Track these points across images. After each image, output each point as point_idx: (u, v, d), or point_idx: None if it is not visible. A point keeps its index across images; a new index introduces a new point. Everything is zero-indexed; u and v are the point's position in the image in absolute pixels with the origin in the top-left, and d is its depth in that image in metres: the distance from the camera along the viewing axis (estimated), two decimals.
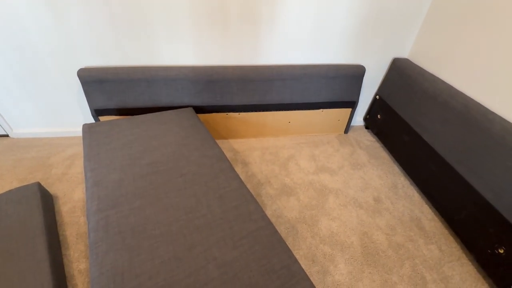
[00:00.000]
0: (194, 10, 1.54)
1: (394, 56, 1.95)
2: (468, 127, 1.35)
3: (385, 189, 1.72)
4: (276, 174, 1.79)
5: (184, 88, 1.77)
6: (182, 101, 1.81)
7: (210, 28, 1.62)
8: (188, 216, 1.02)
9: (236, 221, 1.03)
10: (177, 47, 1.68)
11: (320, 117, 2.07)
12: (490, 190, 1.23)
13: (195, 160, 1.31)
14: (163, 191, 1.12)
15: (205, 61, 1.77)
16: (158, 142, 1.39)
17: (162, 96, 1.77)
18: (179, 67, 1.73)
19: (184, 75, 1.72)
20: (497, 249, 1.19)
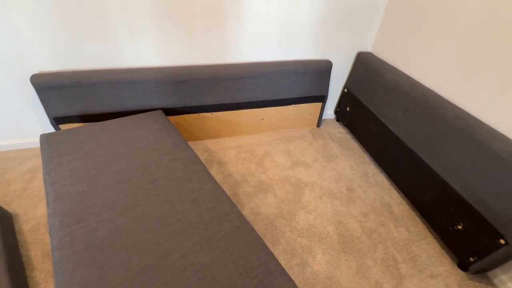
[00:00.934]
0: (155, 7, 1.48)
1: (359, 50, 2.03)
2: (426, 115, 1.45)
3: (357, 178, 1.80)
4: (252, 172, 1.79)
5: (151, 91, 1.70)
6: (151, 104, 1.74)
7: (174, 26, 1.57)
8: (162, 223, 1.00)
9: (212, 223, 1.02)
10: (140, 47, 1.61)
11: (293, 112, 2.11)
12: (448, 172, 1.33)
13: (166, 164, 1.27)
14: (134, 199, 1.07)
15: (172, 61, 1.72)
16: (126, 148, 1.33)
17: (128, 100, 1.69)
18: (144, 68, 1.66)
19: (151, 77, 1.65)
20: (457, 226, 1.30)
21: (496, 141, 1.14)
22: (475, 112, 1.30)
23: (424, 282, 1.26)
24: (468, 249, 1.24)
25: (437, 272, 1.30)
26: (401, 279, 1.27)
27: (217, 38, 1.70)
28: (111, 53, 1.58)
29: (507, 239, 1.09)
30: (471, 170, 1.22)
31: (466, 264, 1.26)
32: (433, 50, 1.51)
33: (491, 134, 1.18)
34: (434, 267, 1.32)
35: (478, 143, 1.19)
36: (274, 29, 1.75)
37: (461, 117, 1.29)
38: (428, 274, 1.29)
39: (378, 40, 1.95)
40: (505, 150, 1.11)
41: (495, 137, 1.16)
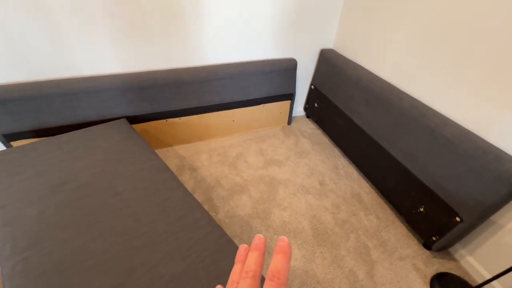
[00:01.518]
0: (106, 12, 1.41)
1: (321, 48, 2.08)
2: (385, 107, 1.52)
3: (328, 172, 1.85)
4: (226, 174, 1.78)
5: (112, 99, 1.62)
6: (113, 113, 1.66)
7: (130, 31, 1.51)
8: (127, 238, 0.95)
9: (182, 232, 0.99)
10: (95, 54, 1.52)
11: (263, 112, 2.12)
12: (408, 159, 1.42)
13: (131, 175, 1.21)
14: (95, 217, 1.01)
15: (132, 67, 1.65)
16: (85, 162, 1.25)
17: (88, 110, 1.60)
18: (102, 76, 1.58)
19: (110, 85, 1.57)
20: (419, 208, 1.38)
21: (447, 127, 1.23)
22: (428, 101, 1.40)
23: (394, 265, 1.33)
24: (430, 229, 1.33)
25: (405, 254, 1.38)
26: (373, 264, 1.33)
27: (179, 41, 1.66)
28: (63, 62, 1.48)
29: (462, 217, 1.18)
30: (427, 155, 1.31)
31: (430, 243, 1.35)
32: (388, 43, 1.59)
33: (442, 121, 1.27)
34: (402, 249, 1.40)
35: (432, 130, 1.28)
36: (236, 30, 1.75)
37: (416, 107, 1.38)
38: (397, 256, 1.36)
39: (338, 36, 2.02)
40: (455, 135, 1.20)
41: (446, 124, 1.25)
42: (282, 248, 0.23)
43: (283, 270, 0.21)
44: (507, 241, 1.15)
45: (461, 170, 1.16)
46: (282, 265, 0.22)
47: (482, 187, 1.09)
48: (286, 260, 0.22)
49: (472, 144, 1.13)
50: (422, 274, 1.30)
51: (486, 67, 1.12)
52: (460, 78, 1.23)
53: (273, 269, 0.21)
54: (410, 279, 1.27)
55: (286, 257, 0.22)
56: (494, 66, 1.09)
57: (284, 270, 0.21)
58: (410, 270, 1.31)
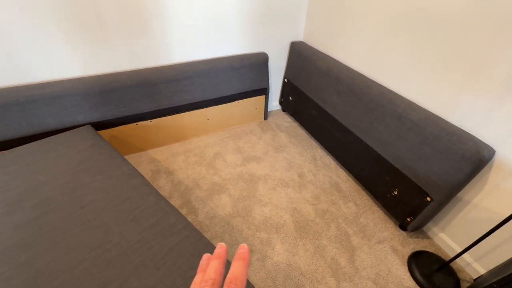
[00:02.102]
0: (62, 13, 1.30)
1: (291, 40, 2.08)
2: (355, 95, 1.55)
3: (306, 164, 1.87)
4: (204, 175, 1.74)
5: (74, 105, 1.51)
6: (76, 120, 1.55)
7: (87, 31, 1.41)
8: (96, 252, 0.89)
9: (156, 240, 0.95)
10: (50, 58, 1.41)
11: (238, 108, 2.09)
12: (379, 144, 1.45)
13: (98, 185, 1.14)
14: (60, 233, 0.94)
15: (93, 70, 1.55)
16: (46, 176, 1.16)
17: (46, 119, 1.48)
18: (61, 81, 1.47)
19: (70, 90, 1.47)
20: (393, 192, 1.43)
21: (413, 112, 1.28)
22: (395, 88, 1.44)
23: (373, 249, 1.37)
24: (405, 211, 1.38)
25: (383, 237, 1.42)
26: (354, 250, 1.36)
27: (143, 41, 1.57)
28: (13, 67, 1.36)
29: (432, 196, 1.23)
30: (396, 140, 1.35)
31: (405, 225, 1.41)
32: (355, 33, 1.61)
33: (409, 106, 1.31)
34: (380, 233, 1.44)
35: (399, 115, 1.32)
36: (203, 26, 1.69)
37: (383, 93, 1.41)
38: (375, 240, 1.41)
39: (307, 28, 2.02)
40: (420, 119, 1.24)
41: (412, 108, 1.29)
42: (241, 255, 0.24)
43: (240, 276, 0.22)
44: (473, 215, 1.22)
45: (428, 152, 1.21)
46: (240, 271, 0.22)
47: (448, 167, 1.14)
48: (244, 266, 0.23)
49: (436, 127, 1.18)
50: (400, 254, 1.35)
51: (446, 52, 1.16)
52: (422, 64, 1.27)
53: (231, 275, 0.22)
54: (389, 261, 1.32)
55: (245, 263, 0.23)
56: (452, 51, 1.14)
57: (242, 276, 0.22)
58: (389, 252, 1.36)
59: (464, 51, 1.10)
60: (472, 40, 1.06)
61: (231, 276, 0.22)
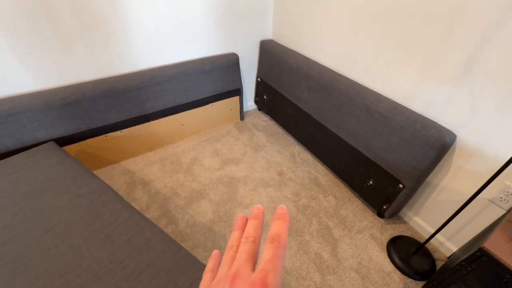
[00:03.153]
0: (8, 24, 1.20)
1: (261, 39, 2.07)
2: (325, 90, 1.58)
3: (285, 161, 1.88)
4: (182, 182, 1.69)
5: (32, 121, 1.41)
6: (36, 138, 1.45)
7: (39, 39, 1.31)
8: (65, 278, 0.83)
9: (130, 258, 0.91)
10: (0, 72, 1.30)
11: (212, 111, 2.05)
12: (352, 137, 1.49)
13: (65, 205, 1.07)
14: (22, 261, 0.87)
15: (51, 82, 1.45)
16: (5, 201, 1.07)
17: (2, 139, 1.37)
18: (14, 97, 1.36)
19: (25, 106, 1.36)
20: (368, 182, 1.47)
21: (380, 103, 1.32)
22: (362, 81, 1.48)
23: (354, 239, 1.40)
24: (380, 199, 1.43)
25: (362, 226, 1.46)
26: (336, 242, 1.39)
27: (104, 49, 1.49)
28: None
29: (403, 183, 1.28)
30: (367, 131, 1.39)
31: (382, 212, 1.46)
32: (321, 28, 1.63)
33: (376, 98, 1.35)
34: (360, 222, 1.48)
35: (367, 107, 1.35)
36: (168, 30, 1.64)
37: (352, 87, 1.44)
38: (356, 230, 1.44)
39: (275, 26, 2.02)
40: (387, 110, 1.28)
41: (378, 100, 1.33)
42: (281, 215, 0.24)
43: (282, 234, 0.22)
44: (442, 197, 1.28)
45: (396, 141, 1.25)
46: (281, 230, 0.23)
47: (415, 154, 1.19)
48: (285, 225, 0.23)
49: (402, 116, 1.22)
50: (379, 241, 1.39)
51: (404, 44, 1.21)
52: (385, 56, 1.31)
53: (273, 233, 0.22)
54: (370, 249, 1.36)
55: (285, 223, 0.23)
56: (410, 42, 1.18)
57: (283, 234, 0.22)
58: (369, 240, 1.40)
59: (420, 42, 1.15)
60: (426, 31, 1.11)
61: (273, 233, 0.22)
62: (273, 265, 0.20)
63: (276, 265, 0.21)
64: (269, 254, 0.21)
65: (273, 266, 0.20)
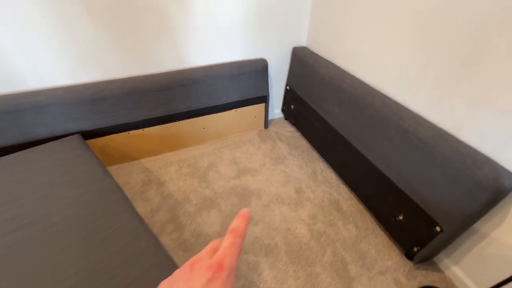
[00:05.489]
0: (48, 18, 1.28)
1: (294, 46, 1.96)
2: (358, 106, 1.41)
3: (305, 178, 1.73)
4: (195, 187, 1.65)
5: (63, 114, 1.49)
6: (66, 129, 1.53)
7: (74, 39, 1.38)
8: (54, 279, 0.82)
9: (120, 267, 0.87)
10: (37, 65, 1.39)
11: (235, 117, 2.00)
12: (383, 162, 1.30)
13: (74, 200, 1.09)
14: (22, 254, 0.88)
15: (83, 78, 1.52)
16: (24, 188, 1.12)
17: (37, 128, 1.46)
18: (48, 89, 1.45)
19: (59, 99, 1.44)
20: (398, 216, 1.27)
21: (420, 127, 1.12)
22: (401, 99, 1.28)
23: (373, 280, 1.21)
24: (411, 239, 1.22)
25: (385, 267, 1.26)
26: (351, 281, 1.21)
27: (134, 48, 1.53)
28: (1, 75, 1.35)
29: (441, 226, 1.07)
30: (401, 158, 1.20)
31: (411, 254, 1.24)
32: (359, 39, 1.47)
33: (416, 121, 1.15)
34: (383, 261, 1.29)
35: (405, 130, 1.16)
36: (199, 32, 1.62)
37: (388, 105, 1.26)
38: (377, 271, 1.25)
39: (311, 33, 1.90)
40: (429, 136, 1.09)
41: (419, 124, 1.14)
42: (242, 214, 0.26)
43: (240, 227, 0.25)
44: (493, 250, 1.04)
45: (437, 175, 1.05)
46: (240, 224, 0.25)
47: (460, 194, 0.98)
48: (244, 221, 0.25)
49: (447, 146, 1.02)
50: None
51: (461, 59, 1.01)
52: (433, 72, 1.12)
53: (233, 225, 0.25)
54: None
55: (245, 220, 0.25)
56: (469, 58, 0.98)
57: (242, 227, 0.25)
58: (391, 286, 1.20)
59: (481, 58, 0.94)
60: (492, 45, 0.90)
61: (233, 226, 0.25)
62: (230, 251, 0.23)
63: (232, 251, 0.23)
64: (227, 242, 0.23)
65: (229, 251, 0.23)
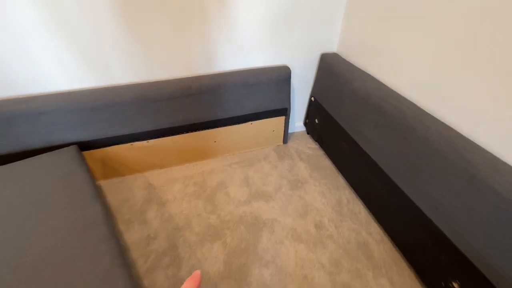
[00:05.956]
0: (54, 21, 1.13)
1: (322, 51, 1.69)
2: (403, 135, 1.12)
3: (328, 210, 1.47)
4: (199, 211, 1.45)
5: (61, 122, 1.34)
6: (64, 139, 1.38)
7: (76, 41, 1.22)
8: None
9: None
10: (34, 69, 1.25)
11: (251, 130, 1.77)
12: (433, 208, 1.01)
13: (53, 231, 0.92)
14: None
15: (82, 83, 1.37)
16: (4, 209, 0.97)
17: (32, 136, 1.33)
18: (44, 95, 1.31)
19: (57, 105, 1.30)
20: (451, 282, 0.97)
21: (496, 176, 0.82)
22: (468, 132, 0.98)
23: None
24: None
25: None
26: None
27: (137, 51, 1.35)
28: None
29: None
30: (461, 209, 0.90)
31: None
32: (409, 47, 1.18)
33: (492, 165, 0.85)
34: None
35: (471, 177, 0.87)
36: None
37: (448, 139, 0.96)
38: None
39: (343, 37, 1.62)
40: (509, 188, 0.78)
41: (496, 170, 0.83)
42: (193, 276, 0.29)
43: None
44: None
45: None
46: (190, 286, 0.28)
47: None
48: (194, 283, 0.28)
49: None
50: None
51: None
52: None
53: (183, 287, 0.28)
54: None
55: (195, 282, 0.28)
56: None
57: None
58: None
59: None
60: None
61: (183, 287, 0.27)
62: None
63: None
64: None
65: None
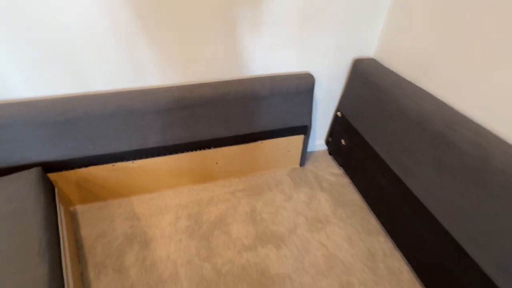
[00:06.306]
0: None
1: (355, 56, 1.34)
2: (478, 180, 0.76)
3: (358, 265, 1.12)
4: (191, 257, 1.14)
5: (22, 138, 1.07)
6: (25, 158, 1.11)
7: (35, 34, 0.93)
8: None
9: None
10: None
11: (261, 151, 1.44)
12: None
13: None
14: None
15: (47, 90, 1.08)
16: None
17: None
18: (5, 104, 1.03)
19: (17, 117, 1.02)
20: None
21: None
22: None
23: None
24: None
25: None
26: None
27: (122, 55, 1.05)
28: None
29: None
30: None
31: None
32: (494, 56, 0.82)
33: None
34: None
35: None
36: None
37: None
38: None
39: (385, 38, 1.26)
40: None
41: None
42: None
43: None
44: None
45: None
46: None
47: None
48: None
49: None
50: None
51: None
52: None
53: None
54: None
55: None
56: None
57: None
58: None
59: None
60: None
61: None
62: None
63: None
64: None
65: None
